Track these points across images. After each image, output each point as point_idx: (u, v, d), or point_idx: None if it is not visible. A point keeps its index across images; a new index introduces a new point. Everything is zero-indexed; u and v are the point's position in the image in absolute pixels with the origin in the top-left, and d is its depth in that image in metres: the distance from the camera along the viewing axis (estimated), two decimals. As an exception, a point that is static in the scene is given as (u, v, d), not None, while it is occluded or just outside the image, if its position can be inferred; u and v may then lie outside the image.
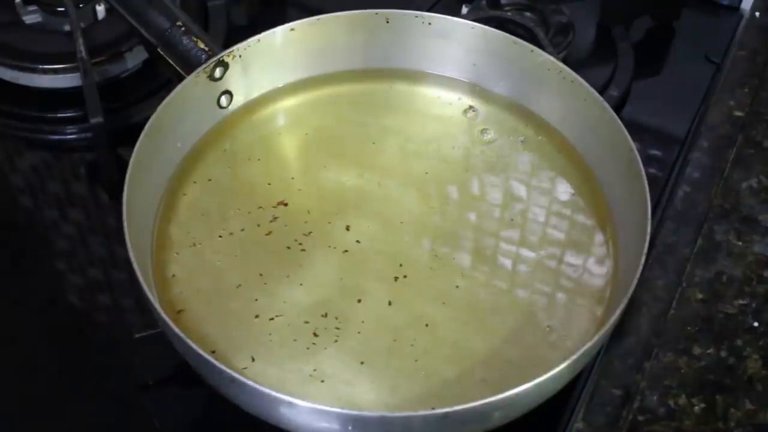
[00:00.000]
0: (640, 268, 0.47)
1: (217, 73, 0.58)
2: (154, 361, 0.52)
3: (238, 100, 0.61)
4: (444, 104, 0.64)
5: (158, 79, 0.69)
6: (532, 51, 0.61)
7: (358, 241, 0.55)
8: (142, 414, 0.52)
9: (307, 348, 0.49)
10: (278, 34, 0.61)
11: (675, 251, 0.56)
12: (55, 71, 0.68)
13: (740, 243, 0.57)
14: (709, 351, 0.51)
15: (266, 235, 0.55)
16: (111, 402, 0.52)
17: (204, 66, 0.57)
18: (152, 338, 0.49)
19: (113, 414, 0.52)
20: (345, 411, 0.42)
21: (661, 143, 0.68)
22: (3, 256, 0.61)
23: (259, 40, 0.60)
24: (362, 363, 0.49)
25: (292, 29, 0.61)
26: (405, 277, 0.53)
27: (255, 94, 0.62)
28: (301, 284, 0.52)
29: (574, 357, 0.44)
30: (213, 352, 0.48)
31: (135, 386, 0.53)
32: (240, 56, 0.59)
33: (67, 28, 0.71)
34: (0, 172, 0.67)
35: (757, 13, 0.75)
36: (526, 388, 0.42)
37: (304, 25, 0.61)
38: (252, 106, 0.62)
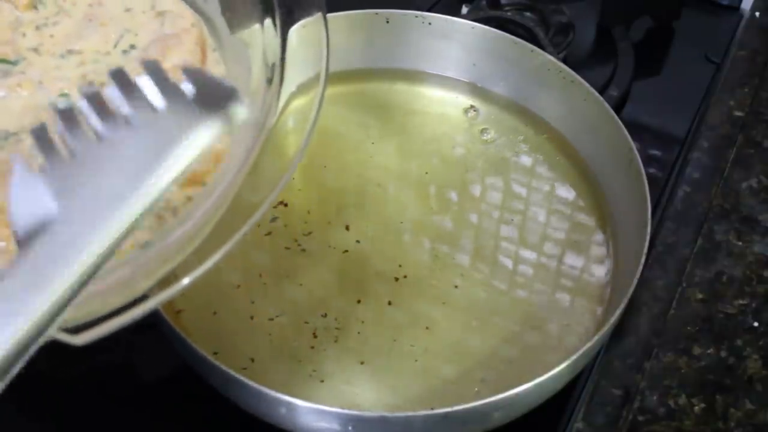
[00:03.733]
0: (640, 268, 0.47)
1: (217, 73, 0.58)
2: (154, 361, 0.52)
3: (238, 100, 0.61)
4: (444, 104, 0.64)
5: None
6: (532, 51, 0.61)
7: (358, 241, 0.55)
8: (143, 414, 0.52)
9: (307, 348, 0.49)
10: (278, 34, 0.61)
11: (675, 251, 0.56)
12: None
13: (740, 243, 0.57)
14: (709, 351, 0.51)
15: (266, 235, 0.55)
16: (111, 402, 0.52)
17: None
18: (152, 338, 0.49)
19: (113, 414, 0.51)
20: (345, 411, 0.42)
21: (661, 143, 0.68)
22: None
23: (259, 40, 0.60)
24: (362, 363, 0.49)
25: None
26: (405, 277, 0.53)
27: (255, 94, 0.62)
28: (301, 284, 0.52)
29: (574, 357, 0.44)
30: (214, 353, 0.48)
31: (135, 386, 0.53)
32: (240, 56, 0.59)
33: None
34: None
35: (757, 13, 0.75)
36: (526, 388, 0.42)
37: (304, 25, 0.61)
38: (252, 106, 0.62)
